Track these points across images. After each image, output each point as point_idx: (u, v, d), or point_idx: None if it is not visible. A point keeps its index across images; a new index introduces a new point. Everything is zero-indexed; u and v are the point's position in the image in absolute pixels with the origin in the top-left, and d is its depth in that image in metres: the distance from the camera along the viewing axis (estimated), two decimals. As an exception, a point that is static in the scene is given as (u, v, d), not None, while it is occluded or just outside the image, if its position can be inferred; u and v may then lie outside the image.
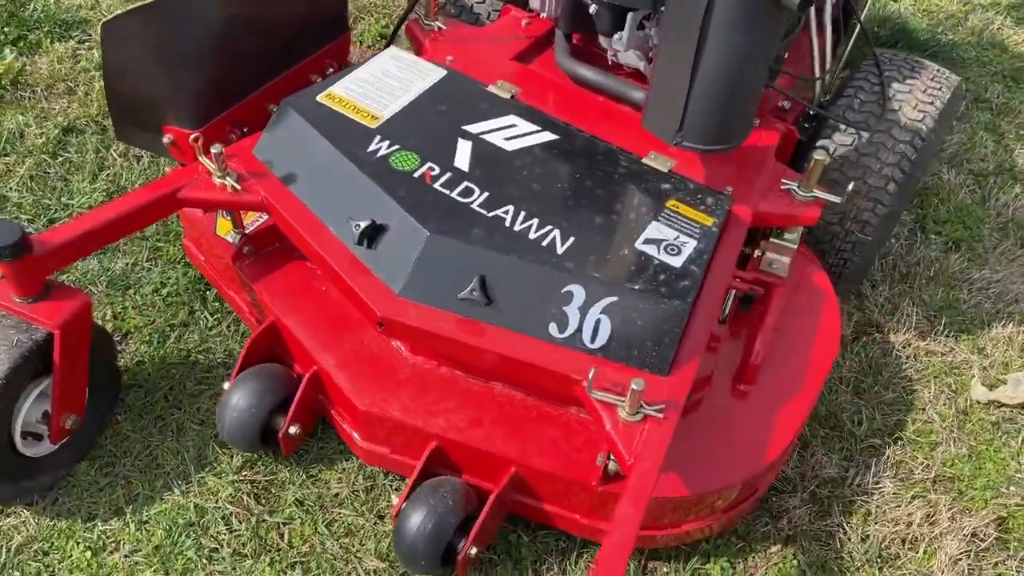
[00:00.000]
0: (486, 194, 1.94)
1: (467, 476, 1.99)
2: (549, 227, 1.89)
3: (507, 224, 1.88)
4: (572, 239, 1.87)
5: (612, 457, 1.83)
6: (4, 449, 1.94)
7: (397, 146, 2.01)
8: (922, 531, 2.19)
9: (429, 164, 1.99)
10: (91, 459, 2.14)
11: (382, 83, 2.17)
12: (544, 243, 1.86)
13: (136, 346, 2.37)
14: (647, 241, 1.89)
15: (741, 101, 1.89)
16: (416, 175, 1.96)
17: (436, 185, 1.94)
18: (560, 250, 1.85)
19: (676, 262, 1.86)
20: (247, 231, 2.19)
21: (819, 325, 2.21)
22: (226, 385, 2.06)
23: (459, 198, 1.92)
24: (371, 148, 2.01)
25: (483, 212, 1.90)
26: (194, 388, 2.29)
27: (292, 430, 2.04)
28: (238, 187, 2.02)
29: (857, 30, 2.72)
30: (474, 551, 1.87)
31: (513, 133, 2.09)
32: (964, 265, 2.85)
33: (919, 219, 2.99)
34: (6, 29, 3.19)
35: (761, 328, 2.06)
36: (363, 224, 1.88)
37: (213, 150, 1.97)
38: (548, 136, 2.10)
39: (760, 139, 2.30)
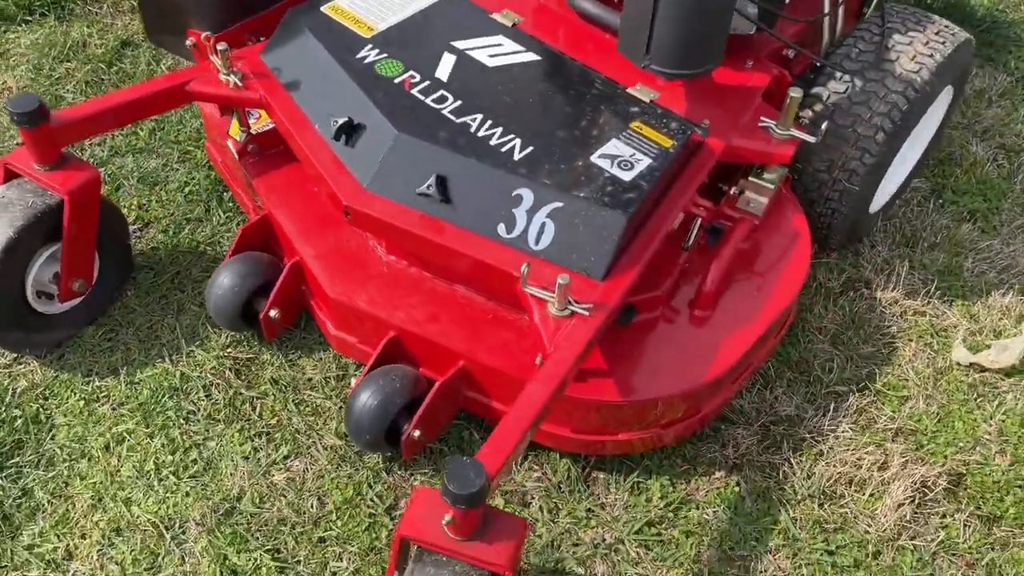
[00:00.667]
0: (458, 103, 2.06)
1: (423, 369, 2.13)
2: (511, 136, 1.99)
3: (472, 130, 2.00)
4: (531, 148, 1.97)
5: (552, 358, 1.93)
6: (19, 302, 2.17)
7: (385, 55, 2.15)
8: (871, 475, 2.21)
9: (411, 72, 2.12)
10: (98, 325, 2.37)
11: (385, -1, 2.31)
12: (503, 149, 1.96)
13: (154, 234, 2.59)
14: (603, 156, 1.98)
15: (705, 26, 1.95)
16: (397, 81, 2.10)
17: (413, 91, 2.07)
18: (517, 156, 1.95)
19: (626, 176, 1.94)
20: (252, 131, 2.37)
21: (787, 265, 2.24)
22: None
23: (432, 104, 2.05)
24: (360, 55, 2.15)
25: (452, 118, 2.02)
26: (199, 275, 2.49)
27: (272, 313, 2.21)
28: (240, 84, 2.20)
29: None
30: (417, 434, 2.00)
31: (498, 51, 2.20)
32: (975, 235, 2.81)
33: (937, 188, 2.95)
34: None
35: (716, 257, 2.11)
36: (340, 121, 2.02)
37: (220, 47, 2.15)
38: (531, 57, 2.20)
39: (750, 79, 2.33)
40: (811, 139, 2.17)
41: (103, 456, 2.13)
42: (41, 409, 2.20)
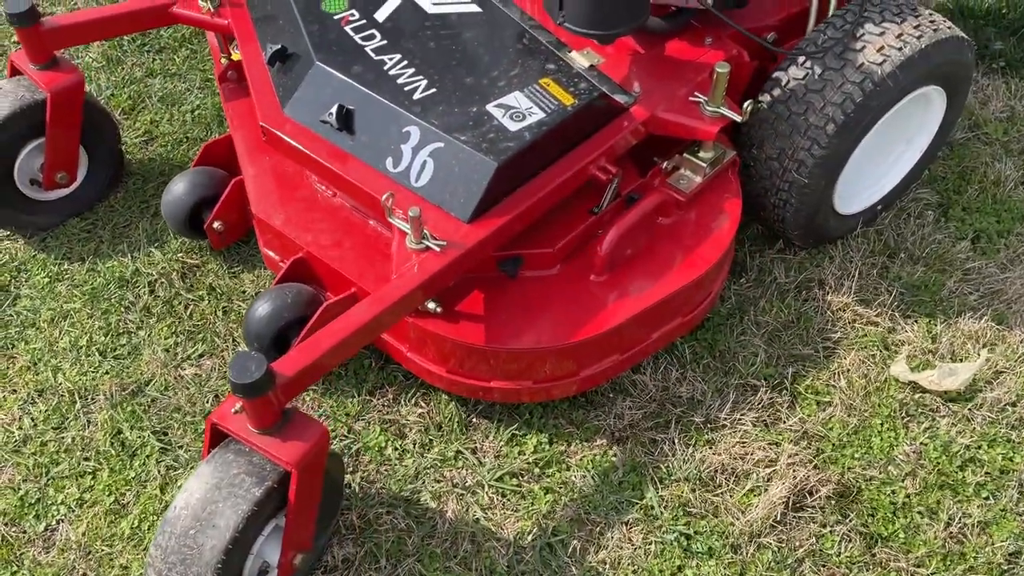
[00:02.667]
0: (384, 42, 2.15)
1: (329, 293, 2.25)
2: (420, 77, 2.07)
3: (385, 68, 2.09)
4: (433, 91, 2.04)
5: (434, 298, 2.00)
6: (8, 183, 2.47)
7: (335, -8, 2.28)
8: (754, 470, 2.14)
9: (352, 11, 2.23)
10: (82, 218, 2.64)
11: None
12: (407, 88, 2.05)
13: (156, 147, 2.85)
14: (499, 106, 2.02)
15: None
16: (336, 17, 2.22)
17: (347, 28, 2.19)
18: (416, 96, 2.03)
19: (512, 127, 1.97)
20: (232, 58, 2.56)
21: (701, 245, 2.20)
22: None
23: (359, 40, 2.16)
24: (313, -9, 2.29)
25: (372, 55, 2.12)
26: (180, 186, 2.72)
27: (216, 225, 2.40)
28: (213, 10, 2.39)
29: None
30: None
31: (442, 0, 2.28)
32: (969, 255, 2.62)
33: (946, 202, 2.76)
34: None
35: (616, 222, 2.11)
36: (274, 48, 2.17)
37: (197, -26, 2.35)
38: (472, 8, 2.26)
39: (702, 56, 2.29)
40: (737, 118, 2.11)
41: (47, 328, 2.39)
42: (12, 280, 2.49)
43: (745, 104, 2.09)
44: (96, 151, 2.59)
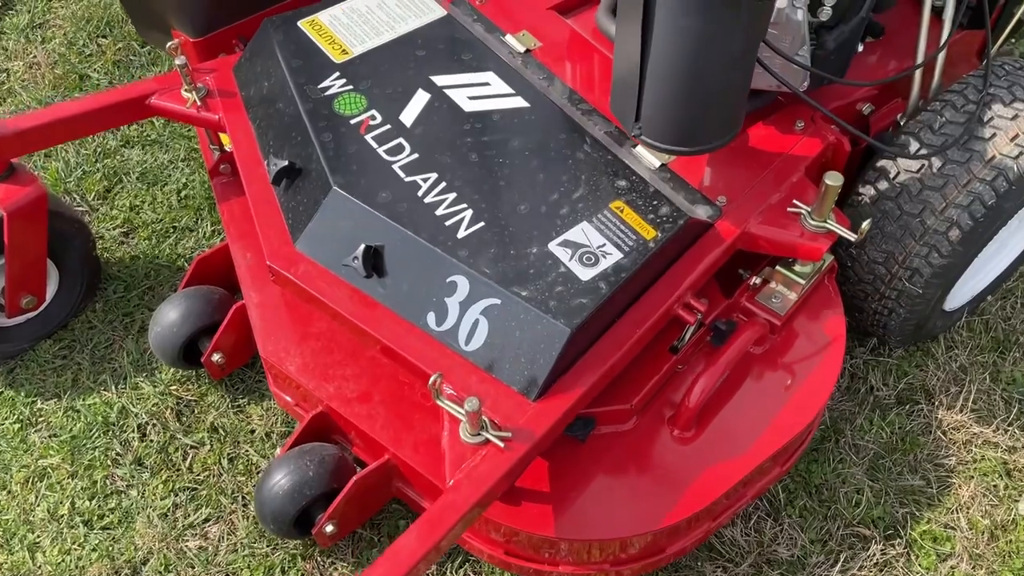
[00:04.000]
0: (415, 156, 1.75)
1: (356, 448, 1.88)
2: (463, 205, 1.67)
3: (419, 193, 1.69)
4: (480, 224, 1.65)
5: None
6: (-33, 313, 2.07)
7: (350, 87, 1.86)
8: (874, 654, 1.80)
9: (372, 112, 1.82)
10: (57, 338, 2.24)
11: (371, 16, 2.01)
12: (448, 223, 1.65)
13: (138, 241, 2.44)
14: (564, 243, 1.62)
15: (705, 100, 1.54)
16: (353, 121, 1.80)
17: (368, 136, 1.78)
18: (461, 234, 1.63)
19: (584, 275, 1.58)
20: (226, 149, 2.15)
21: (806, 381, 1.83)
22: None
23: (384, 155, 1.75)
24: (323, 84, 1.87)
25: (401, 175, 1.72)
26: (169, 292, 2.32)
27: (215, 358, 2.02)
28: (200, 103, 1.97)
29: (1013, 22, 2.17)
30: (331, 528, 1.76)
31: (481, 92, 1.86)
32: (1092, 347, 2.26)
33: (1057, 279, 2.39)
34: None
35: (707, 368, 1.73)
36: (280, 164, 1.76)
37: (177, 62, 1.93)
38: (518, 102, 1.85)
39: (795, 147, 1.90)
40: (850, 237, 1.73)
41: (21, 491, 2.01)
42: (-24, 428, 2.11)
43: (864, 224, 1.70)
44: (66, 262, 2.19)
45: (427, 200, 1.68)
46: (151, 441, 2.08)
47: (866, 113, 2.07)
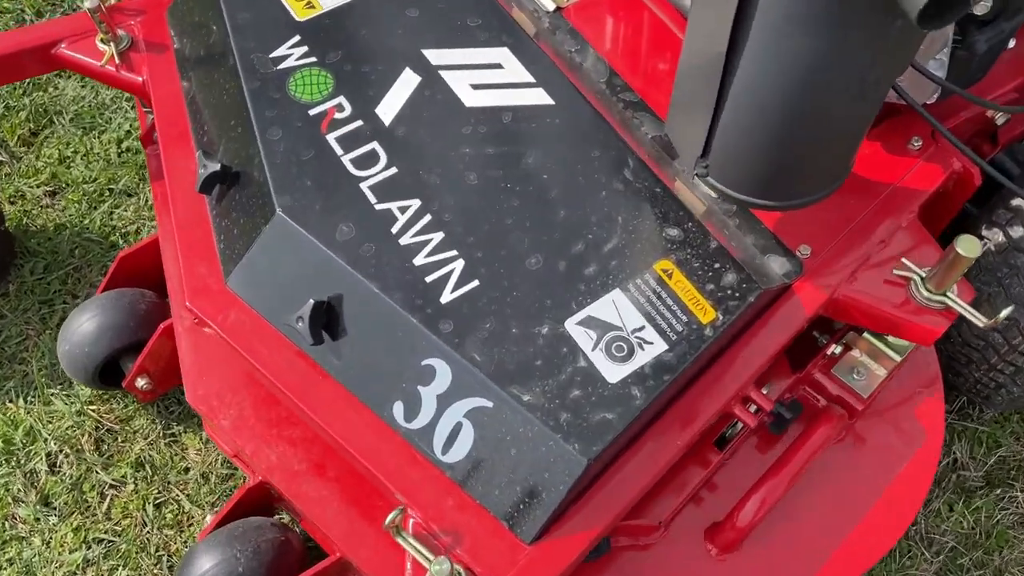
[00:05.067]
0: (392, 171, 1.27)
1: (304, 523, 1.49)
2: (452, 252, 1.21)
3: (393, 230, 1.22)
4: (474, 284, 1.19)
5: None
6: None
7: (313, 59, 1.37)
8: None
9: (339, 99, 1.33)
10: (-43, 330, 1.83)
11: (352, -47, 1.49)
12: (430, 278, 1.19)
13: (65, 205, 1.99)
14: (588, 322, 1.17)
15: (813, 142, 1.05)
16: (313, 112, 1.32)
17: (331, 136, 1.30)
18: (446, 297, 1.18)
19: (613, 374, 1.13)
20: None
21: (890, 488, 1.41)
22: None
23: (351, 166, 1.28)
24: (277, 52, 1.38)
25: (371, 200, 1.25)
26: (98, 278, 1.89)
27: (140, 383, 1.61)
28: (117, 58, 1.49)
29: None
30: (265, 630, 1.39)
31: (490, 79, 1.37)
32: None
33: None
34: None
35: (767, 479, 1.31)
36: (211, 168, 1.29)
37: (87, 4, 1.43)
38: (539, 97, 1.35)
39: (909, 177, 1.41)
40: (980, 321, 1.26)
41: (-101, 534, 1.64)
42: None
43: (1004, 312, 1.24)
44: (-34, 238, 1.76)
45: (403, 241, 1.22)
46: (63, 475, 1.69)
47: (1000, 124, 1.57)
